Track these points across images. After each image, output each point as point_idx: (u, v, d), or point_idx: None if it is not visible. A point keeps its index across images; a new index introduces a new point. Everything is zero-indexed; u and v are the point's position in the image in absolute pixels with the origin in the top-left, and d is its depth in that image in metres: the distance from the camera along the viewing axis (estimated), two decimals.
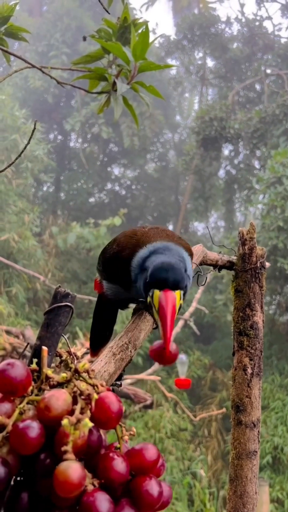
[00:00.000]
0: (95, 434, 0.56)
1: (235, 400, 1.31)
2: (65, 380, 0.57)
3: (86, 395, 0.53)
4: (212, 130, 11.88)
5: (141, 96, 1.80)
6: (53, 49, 14.80)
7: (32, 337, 5.34)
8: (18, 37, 2.04)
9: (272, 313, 11.49)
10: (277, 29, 17.14)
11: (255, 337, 1.29)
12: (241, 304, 1.31)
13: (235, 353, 1.33)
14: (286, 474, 8.27)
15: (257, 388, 1.30)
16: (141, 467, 0.54)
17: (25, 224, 10.47)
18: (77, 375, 0.57)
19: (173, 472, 8.31)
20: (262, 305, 1.31)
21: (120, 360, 0.74)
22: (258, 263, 1.30)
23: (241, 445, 1.29)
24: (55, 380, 0.58)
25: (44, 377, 0.58)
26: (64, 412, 0.52)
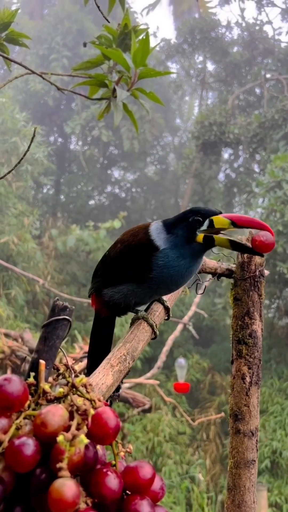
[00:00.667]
0: (92, 450, 0.55)
1: (234, 408, 1.31)
2: (62, 395, 0.56)
3: (83, 410, 0.52)
4: (211, 135, 11.90)
5: (141, 103, 1.80)
6: (54, 52, 14.83)
7: (30, 340, 5.33)
8: (18, 43, 2.04)
9: (271, 316, 11.47)
10: (277, 34, 17.25)
11: (254, 345, 1.29)
12: (240, 312, 1.31)
13: (234, 361, 1.33)
14: (285, 478, 8.24)
15: (256, 397, 1.30)
16: (135, 486, 0.53)
17: (25, 226, 10.47)
18: (74, 390, 0.57)
19: (171, 476, 8.28)
20: (261, 314, 1.31)
21: (118, 372, 0.74)
22: (257, 271, 1.30)
23: (239, 454, 1.29)
24: (52, 395, 0.57)
25: (41, 392, 0.57)
26: (61, 428, 0.52)
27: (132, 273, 1.08)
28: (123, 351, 0.79)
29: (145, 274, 1.05)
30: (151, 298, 1.12)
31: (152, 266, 1.05)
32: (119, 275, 1.11)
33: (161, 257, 1.05)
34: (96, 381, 0.70)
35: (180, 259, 1.05)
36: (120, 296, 1.10)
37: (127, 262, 1.09)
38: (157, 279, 1.05)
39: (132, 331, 0.90)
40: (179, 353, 10.76)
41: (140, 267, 1.06)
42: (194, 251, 1.07)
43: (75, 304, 11.32)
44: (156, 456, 8.70)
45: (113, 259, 1.15)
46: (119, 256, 1.12)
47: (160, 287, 1.07)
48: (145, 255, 1.06)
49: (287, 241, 8.32)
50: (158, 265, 1.05)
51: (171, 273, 1.05)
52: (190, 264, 1.07)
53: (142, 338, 0.87)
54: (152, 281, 1.06)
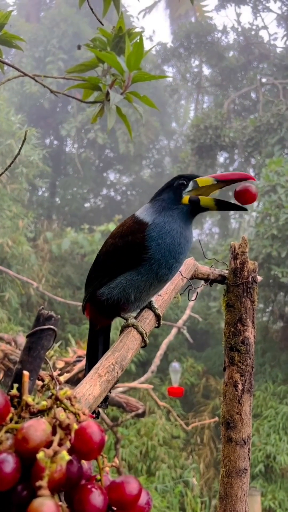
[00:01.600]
0: (75, 465, 0.53)
1: (226, 416, 1.29)
2: (46, 408, 0.55)
3: (66, 425, 0.50)
4: (207, 139, 11.93)
5: (134, 107, 1.79)
6: (49, 55, 14.83)
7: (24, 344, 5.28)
8: (12, 45, 2.03)
9: (266, 320, 11.48)
10: (273, 39, 17.36)
11: (246, 352, 1.28)
12: (233, 319, 1.29)
13: (226, 368, 1.31)
14: (279, 483, 8.23)
15: (248, 405, 1.29)
16: (121, 502, 0.51)
17: (19, 229, 10.43)
18: (58, 403, 0.55)
19: (165, 480, 8.24)
20: (253, 320, 1.30)
21: (106, 382, 0.72)
22: (250, 277, 1.29)
23: (231, 462, 1.27)
24: (35, 408, 0.55)
25: (24, 404, 0.55)
26: (43, 443, 0.50)
27: (128, 259, 1.06)
28: (112, 360, 0.77)
29: (142, 256, 1.04)
30: (151, 286, 1.07)
31: (147, 243, 1.04)
32: (115, 267, 1.08)
33: (152, 229, 1.05)
34: (83, 392, 0.68)
35: (171, 222, 1.05)
36: (118, 291, 1.07)
37: (121, 251, 1.08)
38: (155, 254, 1.03)
39: (121, 339, 0.88)
40: (174, 357, 10.74)
41: (135, 250, 1.05)
42: (182, 213, 1.06)
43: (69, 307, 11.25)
44: (150, 460, 8.66)
45: (106, 253, 1.13)
46: (112, 249, 1.11)
47: (160, 265, 1.04)
48: (137, 235, 1.05)
49: (282, 245, 8.33)
50: (152, 238, 1.04)
51: (167, 242, 1.04)
52: (183, 229, 1.06)
53: (131, 347, 0.85)
54: (151, 261, 1.04)
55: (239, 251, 1.30)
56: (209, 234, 19.06)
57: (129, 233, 1.08)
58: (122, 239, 1.09)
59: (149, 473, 8.48)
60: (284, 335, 11.14)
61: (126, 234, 1.09)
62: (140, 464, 8.48)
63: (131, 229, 1.08)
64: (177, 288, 1.18)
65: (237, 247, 1.31)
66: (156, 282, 1.07)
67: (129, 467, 8.47)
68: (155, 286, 1.08)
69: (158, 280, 1.06)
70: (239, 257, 1.30)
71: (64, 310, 11.42)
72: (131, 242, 1.06)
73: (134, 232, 1.07)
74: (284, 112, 11.22)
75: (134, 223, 1.09)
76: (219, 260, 1.39)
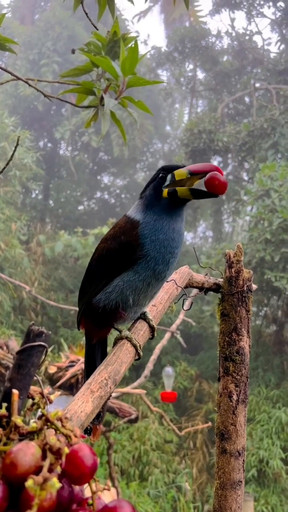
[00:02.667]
0: (66, 489, 0.51)
1: (220, 427, 1.27)
2: (35, 429, 0.52)
3: (57, 449, 0.48)
4: (201, 143, 11.96)
5: (129, 112, 1.77)
6: (44, 57, 14.80)
7: (16, 348, 5.22)
8: (5, 48, 2.01)
9: (259, 324, 11.50)
10: (267, 44, 17.42)
11: (241, 362, 1.26)
12: (227, 328, 1.27)
13: (221, 378, 1.29)
14: (271, 488, 8.21)
15: (243, 416, 1.27)
16: None
17: (12, 232, 10.36)
18: (49, 424, 0.53)
19: (158, 485, 8.20)
20: (248, 330, 1.28)
21: (98, 398, 0.70)
22: (245, 286, 1.27)
23: (225, 474, 1.25)
24: (25, 429, 0.53)
25: (14, 426, 0.53)
26: (32, 469, 0.48)
27: (124, 260, 1.05)
28: (105, 375, 0.75)
29: (137, 254, 1.04)
30: (149, 285, 1.06)
31: (141, 241, 1.04)
32: (110, 270, 1.07)
33: (144, 227, 1.05)
34: (75, 409, 0.66)
35: (160, 219, 1.06)
36: (116, 295, 1.05)
37: (115, 252, 1.07)
38: (150, 251, 1.03)
39: (114, 352, 0.86)
40: (167, 360, 10.71)
41: (130, 249, 1.04)
42: (166, 207, 1.07)
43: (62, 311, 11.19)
44: (143, 465, 8.61)
45: (99, 258, 1.12)
46: (105, 252, 1.10)
47: (157, 261, 1.04)
48: (130, 234, 1.05)
49: (275, 249, 8.35)
50: (145, 235, 1.04)
51: (160, 238, 1.04)
52: (173, 223, 1.07)
53: (125, 360, 0.83)
54: (147, 258, 1.03)
55: (234, 260, 1.29)
56: (202, 237, 19.10)
57: (121, 233, 1.08)
58: (115, 241, 1.08)
59: (142, 478, 8.43)
60: (277, 339, 11.16)
61: (118, 235, 1.08)
62: (132, 469, 8.43)
63: (124, 229, 1.08)
64: (171, 298, 1.16)
65: (232, 256, 1.29)
66: (154, 281, 1.06)
67: (122, 472, 8.42)
68: (153, 286, 1.06)
69: (156, 278, 1.06)
70: (234, 265, 1.28)
71: (57, 314, 11.35)
72: (125, 241, 1.05)
73: (127, 231, 1.06)
74: (278, 117, 11.28)
75: (126, 222, 1.09)
76: (213, 268, 1.38)
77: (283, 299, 10.39)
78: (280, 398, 9.32)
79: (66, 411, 0.64)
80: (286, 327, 11.30)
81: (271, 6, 14.80)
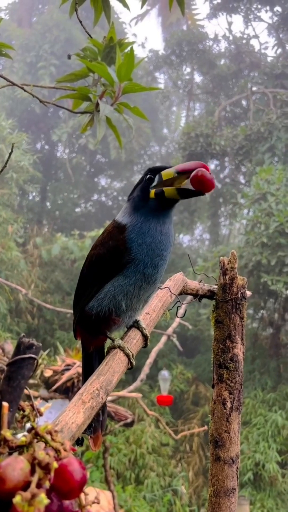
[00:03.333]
0: (56, 503, 0.51)
1: (214, 435, 1.27)
2: (25, 443, 0.52)
3: (45, 464, 0.48)
4: (198, 146, 11.99)
5: (125, 118, 1.78)
6: (41, 60, 14.81)
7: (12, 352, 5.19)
8: (2, 53, 2.01)
9: (255, 327, 11.51)
10: (264, 48, 17.48)
11: (235, 370, 1.26)
12: (222, 335, 1.28)
13: (215, 386, 1.29)
14: (267, 491, 8.21)
15: (236, 423, 1.27)
16: None
17: (9, 234, 10.34)
18: (38, 438, 0.53)
19: (154, 489, 8.18)
20: (242, 337, 1.28)
21: (90, 408, 0.70)
22: (239, 293, 1.27)
23: (219, 482, 1.25)
24: (14, 443, 0.53)
25: (3, 439, 0.53)
26: (21, 484, 0.47)
27: (113, 264, 1.04)
28: (96, 385, 0.75)
29: (126, 258, 1.03)
30: (140, 289, 1.05)
31: (128, 245, 1.03)
32: (101, 275, 1.06)
33: (131, 230, 1.04)
34: (66, 420, 0.65)
35: (147, 222, 1.05)
36: (108, 301, 1.04)
37: (104, 258, 1.06)
38: (138, 255, 1.02)
39: (107, 361, 0.86)
40: (163, 363, 10.71)
41: (118, 254, 1.03)
42: (153, 209, 1.06)
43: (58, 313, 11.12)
44: (139, 468, 8.60)
45: (90, 265, 1.12)
46: (95, 259, 1.10)
47: (146, 264, 1.03)
48: (118, 238, 1.04)
49: (271, 253, 8.37)
50: (132, 239, 1.03)
51: (147, 241, 1.03)
52: (160, 225, 1.05)
53: (117, 370, 0.83)
54: (135, 262, 1.02)
55: (228, 267, 1.29)
56: (199, 240, 19.12)
57: (109, 238, 1.07)
58: (104, 246, 1.08)
59: (138, 482, 8.41)
60: (273, 342, 11.17)
61: (107, 240, 1.08)
62: (128, 472, 8.41)
63: (111, 234, 1.08)
64: (165, 306, 1.16)
65: (226, 263, 1.29)
66: (144, 284, 1.05)
67: (118, 475, 8.40)
68: (144, 289, 1.05)
69: (146, 281, 1.04)
70: (228, 272, 1.29)
71: (53, 316, 11.34)
72: (113, 246, 1.05)
73: (114, 236, 1.06)
74: (275, 121, 11.32)
75: (114, 227, 1.09)
76: (208, 275, 1.38)
77: (280, 302, 10.41)
78: (277, 401, 9.32)
79: (57, 423, 0.64)
80: (282, 330, 11.32)
81: (268, 10, 14.88)
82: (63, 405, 4.40)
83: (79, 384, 4.29)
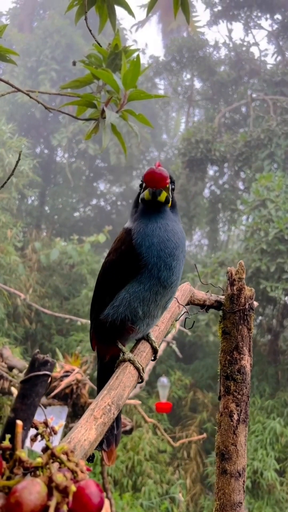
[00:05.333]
0: None
1: (220, 447, 1.25)
2: (40, 464, 0.51)
3: (63, 487, 0.47)
4: (198, 152, 12.01)
5: (130, 126, 1.77)
6: (42, 65, 14.86)
7: (10, 357, 5.16)
8: (5, 59, 2.00)
9: (254, 333, 11.49)
10: (263, 55, 17.58)
11: (243, 381, 1.25)
12: (229, 347, 1.26)
13: (221, 397, 1.28)
14: (266, 499, 8.16)
15: (243, 435, 1.25)
16: None
17: (8, 238, 10.32)
18: (54, 458, 0.51)
19: (151, 496, 8.12)
20: (250, 348, 1.27)
21: (102, 425, 0.68)
22: (247, 304, 1.26)
23: (225, 495, 1.23)
24: (29, 463, 0.52)
25: (18, 459, 0.52)
26: (38, 508, 0.46)
27: (126, 270, 1.03)
28: (108, 400, 0.73)
29: (138, 263, 1.02)
30: (157, 294, 1.02)
31: (138, 250, 1.02)
32: (115, 282, 1.05)
33: (137, 235, 1.04)
34: (78, 438, 0.64)
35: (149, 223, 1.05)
36: (124, 308, 1.02)
37: (117, 264, 1.06)
38: (149, 258, 1.01)
39: (117, 376, 0.84)
40: (162, 369, 10.67)
41: (129, 259, 1.03)
42: (146, 212, 1.08)
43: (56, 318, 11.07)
44: (136, 475, 8.53)
45: (104, 272, 1.12)
46: (108, 266, 1.10)
47: (159, 268, 1.01)
48: (127, 243, 1.05)
49: (271, 259, 8.37)
50: (139, 244, 1.03)
51: (154, 242, 1.02)
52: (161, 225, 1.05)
53: (128, 384, 0.81)
54: (148, 267, 1.01)
55: (236, 277, 1.28)
56: (198, 245, 19.12)
57: (121, 244, 1.08)
58: (116, 252, 1.08)
59: (135, 489, 8.35)
60: (272, 348, 11.15)
61: (119, 246, 1.08)
62: (126, 479, 8.35)
63: (122, 240, 1.08)
64: (173, 316, 1.15)
65: (234, 273, 1.28)
66: (161, 289, 1.02)
67: (115, 482, 8.34)
68: (161, 294, 1.03)
69: (162, 285, 1.02)
70: (236, 283, 1.27)
71: (51, 321, 11.29)
72: (124, 251, 1.05)
73: (125, 241, 1.06)
74: (274, 127, 11.36)
75: (124, 233, 1.10)
76: (215, 286, 1.37)
77: (278, 308, 10.40)
78: (275, 408, 9.29)
79: (69, 440, 0.63)
80: (281, 337, 11.30)
81: (268, 18, 14.98)
82: (61, 411, 4.37)
83: (78, 391, 4.27)
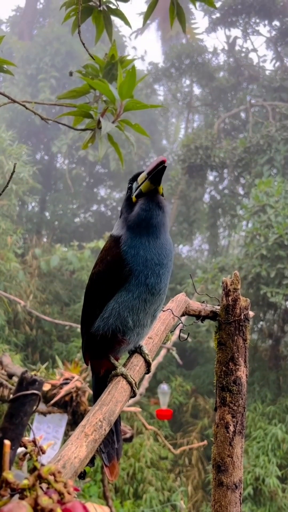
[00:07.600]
0: None
1: (217, 459, 1.25)
2: (27, 486, 0.50)
3: (48, 510, 0.46)
4: (197, 158, 12.04)
5: (126, 136, 1.78)
6: (42, 72, 14.94)
7: (10, 365, 5.14)
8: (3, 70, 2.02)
9: (255, 339, 11.46)
10: (262, 61, 17.68)
11: (238, 393, 1.24)
12: (224, 357, 1.26)
13: (217, 409, 1.27)
14: (267, 506, 8.09)
15: (240, 447, 1.24)
16: None
17: (8, 245, 10.33)
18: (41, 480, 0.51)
19: (152, 504, 8.06)
20: (246, 359, 1.26)
21: (93, 441, 0.68)
22: (242, 315, 1.26)
23: (222, 508, 1.22)
24: (16, 484, 0.51)
25: (5, 481, 0.51)
26: None
27: (113, 279, 1.02)
28: (99, 416, 0.73)
29: (124, 270, 1.00)
30: (146, 302, 1.01)
31: (124, 257, 1.01)
32: (103, 293, 1.04)
33: (125, 242, 1.03)
34: (68, 455, 0.64)
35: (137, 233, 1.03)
36: (114, 319, 1.01)
37: (104, 274, 1.04)
38: (135, 265, 1.00)
39: (109, 391, 0.84)
40: (162, 375, 10.63)
41: (116, 267, 1.01)
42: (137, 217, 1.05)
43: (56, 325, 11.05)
44: (137, 482, 8.48)
45: (91, 284, 1.10)
46: (96, 277, 1.08)
47: (147, 275, 1.00)
48: (114, 252, 1.03)
49: (271, 265, 8.36)
50: (126, 251, 1.01)
51: (140, 252, 1.01)
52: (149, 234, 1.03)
53: (120, 399, 0.81)
54: (135, 273, 1.00)
55: (231, 288, 1.28)
56: (198, 250, 19.13)
57: (107, 253, 1.06)
58: (103, 262, 1.07)
59: (136, 496, 8.29)
60: (273, 354, 11.11)
61: (105, 256, 1.07)
62: (127, 486, 8.30)
63: (108, 249, 1.07)
64: (167, 328, 1.14)
65: (229, 283, 1.28)
66: (149, 296, 1.01)
67: (116, 490, 8.28)
68: (150, 302, 1.02)
69: (150, 292, 1.01)
70: (231, 294, 1.27)
71: (52, 327, 11.27)
72: (111, 260, 1.03)
73: (111, 250, 1.05)
74: (273, 133, 11.39)
75: (111, 241, 1.08)
76: (210, 296, 1.37)
77: (279, 314, 10.38)
78: (276, 414, 9.24)
79: (59, 458, 0.62)
80: (282, 342, 11.26)
81: (267, 24, 15.06)
82: (61, 419, 4.35)
83: (77, 398, 4.25)
